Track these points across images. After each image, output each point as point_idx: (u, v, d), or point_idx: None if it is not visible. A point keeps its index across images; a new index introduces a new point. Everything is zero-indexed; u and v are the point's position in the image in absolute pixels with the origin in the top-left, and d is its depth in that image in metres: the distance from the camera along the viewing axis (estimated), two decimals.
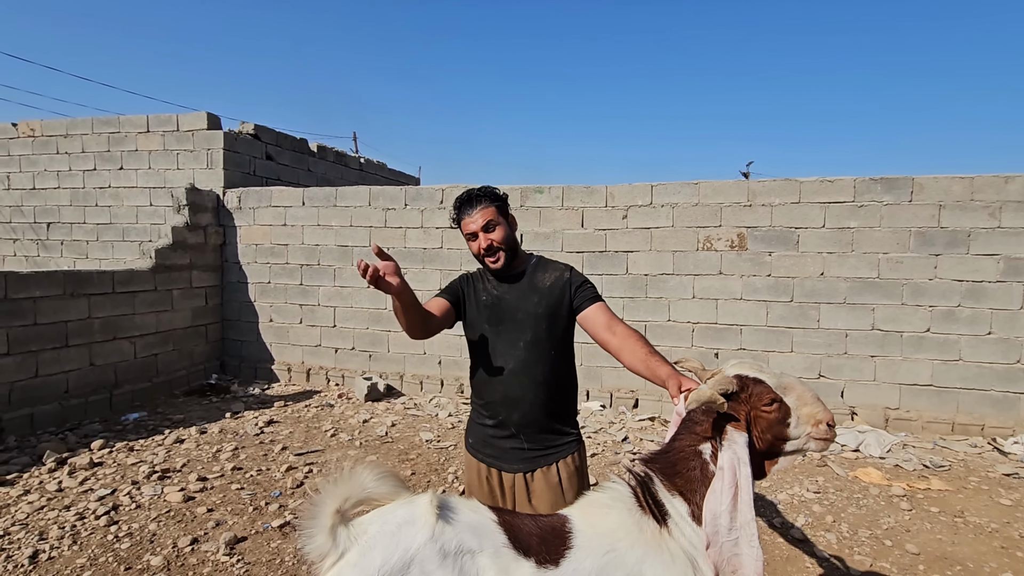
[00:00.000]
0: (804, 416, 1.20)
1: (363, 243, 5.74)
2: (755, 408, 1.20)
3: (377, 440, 4.29)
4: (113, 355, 4.97)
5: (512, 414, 1.68)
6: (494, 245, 1.67)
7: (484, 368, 1.73)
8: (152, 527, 2.89)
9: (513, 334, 1.70)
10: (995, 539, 2.90)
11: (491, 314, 1.72)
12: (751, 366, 1.26)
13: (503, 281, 1.76)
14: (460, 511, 1.21)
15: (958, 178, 4.40)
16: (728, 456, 1.14)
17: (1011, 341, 4.36)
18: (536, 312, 1.69)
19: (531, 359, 1.68)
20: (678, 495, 1.19)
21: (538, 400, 1.69)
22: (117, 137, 6.44)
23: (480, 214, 1.66)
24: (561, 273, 1.75)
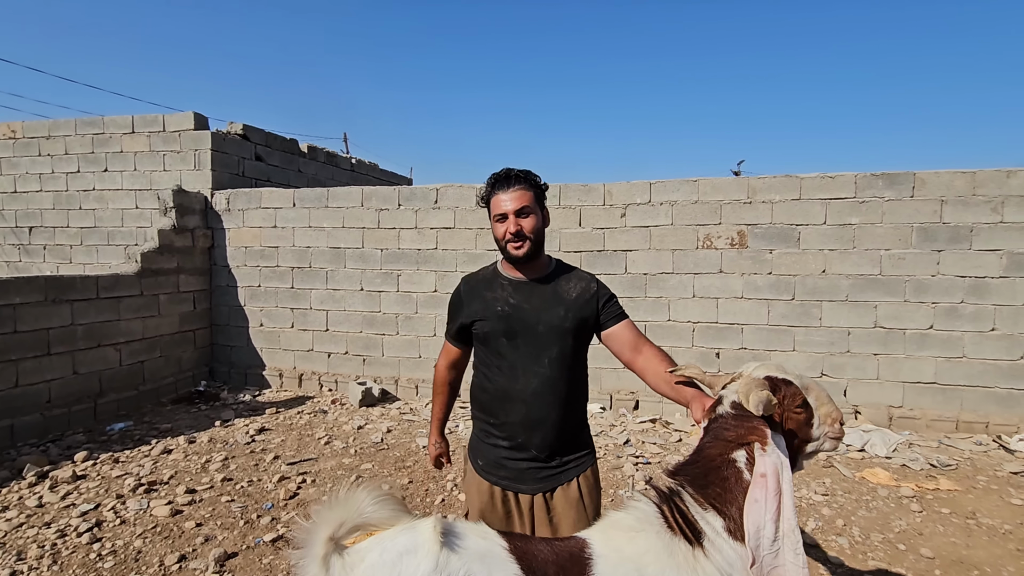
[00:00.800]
0: (822, 415, 1.16)
1: (356, 244, 5.62)
2: (788, 410, 1.14)
3: (372, 447, 4.16)
4: (97, 363, 4.81)
5: (533, 436, 1.54)
6: (523, 232, 1.51)
7: (499, 386, 1.57)
8: (137, 544, 2.76)
9: (535, 349, 1.54)
10: (1010, 541, 2.83)
11: (508, 326, 1.54)
12: (775, 367, 1.20)
13: (522, 286, 1.58)
14: (467, 537, 1.10)
15: (960, 173, 4.35)
16: (771, 461, 1.05)
17: (1015, 337, 4.31)
18: (563, 327, 1.55)
19: (555, 377, 1.54)
20: (712, 509, 1.09)
21: (560, 419, 1.56)
22: (101, 138, 6.27)
23: (516, 195, 1.52)
24: (588, 284, 1.62)
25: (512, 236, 1.52)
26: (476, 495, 1.63)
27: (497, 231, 1.55)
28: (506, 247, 1.54)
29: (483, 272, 1.68)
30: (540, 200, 1.57)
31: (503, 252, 1.57)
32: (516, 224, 1.51)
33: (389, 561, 1.04)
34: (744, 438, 1.11)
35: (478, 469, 1.63)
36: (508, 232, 1.52)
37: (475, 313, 1.59)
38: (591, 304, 1.59)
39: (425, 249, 5.45)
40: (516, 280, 1.59)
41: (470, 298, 1.62)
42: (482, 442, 1.64)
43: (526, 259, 1.54)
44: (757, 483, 1.04)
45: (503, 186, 1.53)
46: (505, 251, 1.55)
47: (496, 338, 1.55)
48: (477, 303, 1.59)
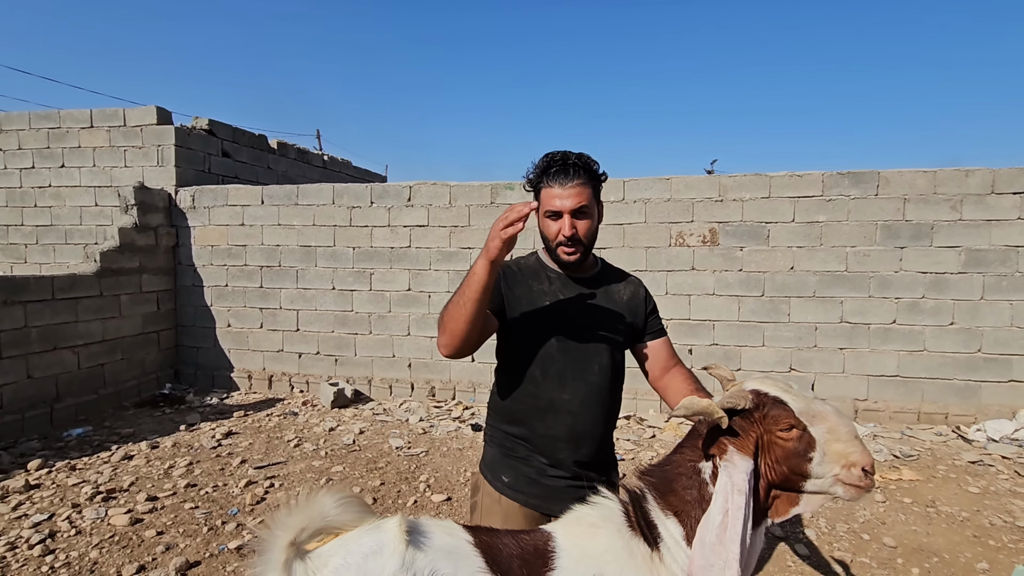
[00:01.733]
0: (833, 454, 0.99)
1: (327, 243, 5.51)
2: (769, 432, 1.02)
3: (344, 449, 4.09)
4: (54, 366, 4.61)
5: (577, 452, 1.36)
6: (579, 237, 1.32)
7: (542, 393, 1.36)
8: (93, 555, 2.64)
9: (586, 354, 1.37)
10: (967, 528, 2.92)
11: (558, 323, 1.36)
12: (779, 384, 1.08)
13: (571, 284, 1.41)
14: (432, 534, 1.08)
15: (922, 172, 4.48)
16: (723, 481, 0.99)
17: (972, 331, 4.46)
18: (616, 331, 1.40)
19: (604, 387, 1.38)
20: (672, 516, 1.06)
21: (604, 434, 1.41)
22: (58, 133, 6.02)
23: (575, 191, 1.29)
24: (637, 289, 1.48)
25: (566, 240, 1.31)
26: (500, 518, 1.39)
27: (548, 229, 1.35)
28: (557, 249, 1.35)
29: (524, 260, 1.47)
30: (598, 196, 1.38)
31: (551, 253, 1.39)
32: (572, 227, 1.30)
33: (354, 563, 1.01)
34: (713, 451, 1.06)
35: (502, 487, 1.42)
36: (562, 234, 1.32)
37: (519, 300, 1.37)
38: (640, 311, 1.46)
39: (398, 247, 5.37)
40: (564, 276, 1.42)
41: (513, 281, 1.39)
42: (509, 456, 1.43)
43: (577, 265, 1.38)
44: (712, 499, 1.01)
45: (562, 177, 1.30)
46: (554, 253, 1.37)
47: (543, 337, 1.36)
48: (522, 289, 1.38)
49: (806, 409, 1.01)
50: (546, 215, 1.35)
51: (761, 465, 1.03)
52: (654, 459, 3.82)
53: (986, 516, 3.03)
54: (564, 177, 1.30)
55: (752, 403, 1.03)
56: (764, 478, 1.04)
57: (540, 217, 1.37)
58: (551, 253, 1.39)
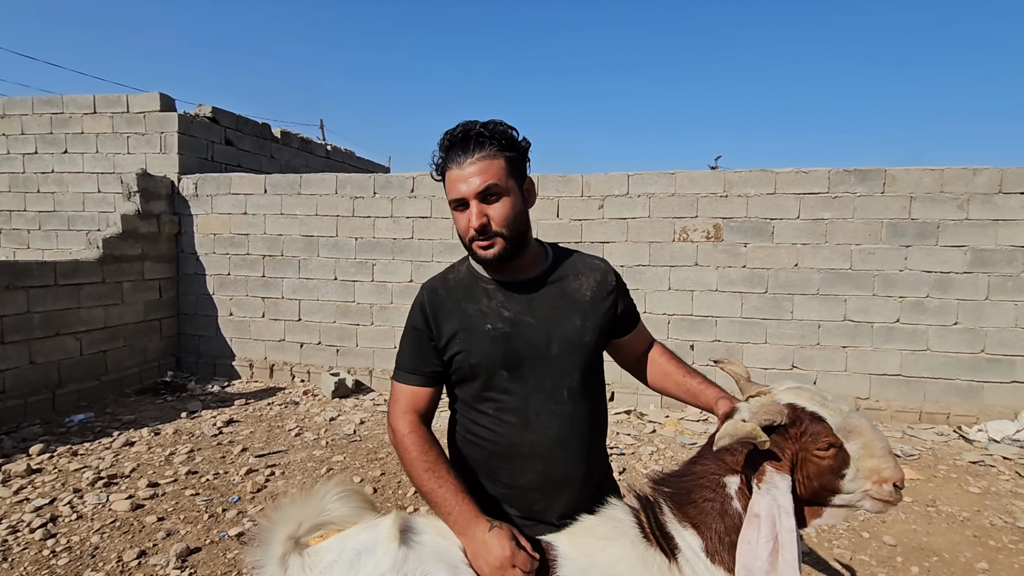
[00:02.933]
0: (866, 470, 0.96)
1: (329, 233, 5.49)
2: (806, 449, 0.97)
3: (344, 439, 4.09)
4: (56, 352, 4.61)
5: (556, 502, 1.14)
6: (490, 226, 1.05)
7: (500, 438, 1.13)
8: (94, 539, 2.65)
9: (548, 379, 1.11)
10: (967, 528, 2.91)
11: (508, 351, 1.09)
12: (811, 395, 1.01)
13: (517, 290, 1.13)
14: (426, 535, 1.06)
15: (928, 170, 4.44)
16: (767, 503, 0.93)
17: (976, 331, 4.44)
18: (583, 341, 1.13)
19: (579, 414, 1.14)
20: (690, 527, 1.02)
21: (588, 471, 1.17)
22: (61, 118, 5.99)
23: (476, 167, 1.03)
24: (604, 276, 1.21)
25: (476, 233, 1.05)
26: None
27: (458, 224, 1.09)
28: (471, 246, 1.09)
29: (453, 275, 1.19)
30: (518, 169, 1.09)
31: (470, 252, 1.12)
32: (481, 214, 1.04)
33: (347, 560, 1.00)
34: (740, 465, 1.01)
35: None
36: (470, 227, 1.06)
37: (455, 335, 1.12)
38: (611, 305, 1.19)
39: (401, 239, 5.36)
40: (507, 282, 1.14)
41: (443, 314, 1.13)
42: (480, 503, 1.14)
43: (500, 262, 1.08)
44: (750, 523, 0.94)
45: (460, 152, 1.05)
46: (471, 251, 1.11)
47: (492, 371, 1.10)
48: (455, 320, 1.12)
49: (843, 425, 0.97)
50: (453, 207, 1.09)
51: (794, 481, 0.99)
52: (654, 454, 3.83)
53: (986, 516, 3.02)
54: (463, 153, 1.04)
55: (788, 419, 0.97)
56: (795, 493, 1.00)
57: (451, 211, 1.12)
58: (470, 252, 1.12)
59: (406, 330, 1.20)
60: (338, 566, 0.99)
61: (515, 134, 1.08)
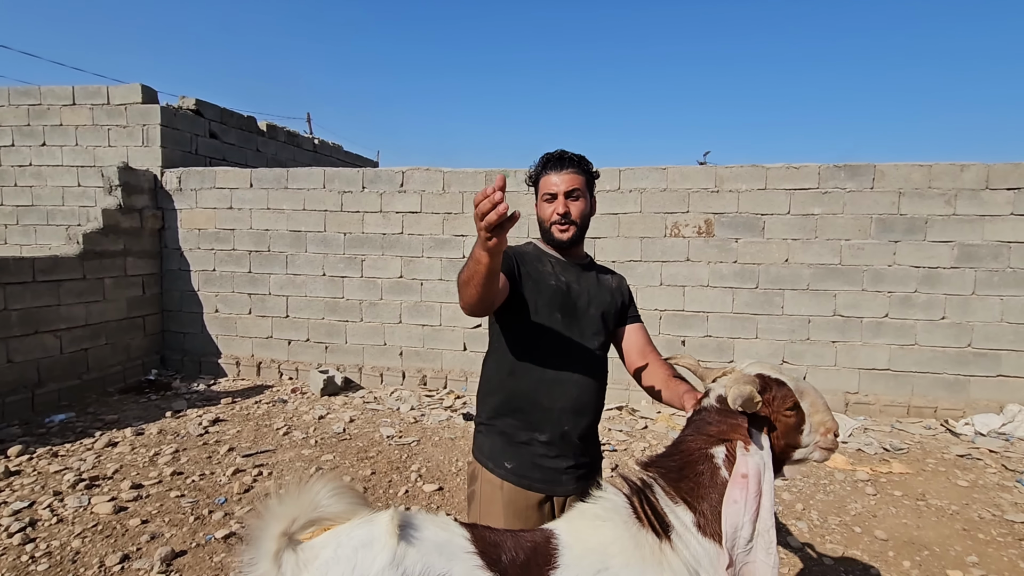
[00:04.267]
0: (816, 423, 1.13)
1: (317, 228, 5.41)
2: (777, 411, 1.11)
3: (334, 437, 4.04)
4: (35, 350, 4.49)
5: (579, 424, 1.46)
6: (571, 215, 1.47)
7: (549, 367, 1.44)
8: (75, 544, 2.58)
9: (588, 331, 1.50)
10: (957, 521, 2.94)
11: (564, 302, 1.47)
12: (771, 367, 1.17)
13: (569, 267, 1.53)
14: (425, 528, 1.04)
15: (917, 166, 4.46)
16: (754, 463, 1.03)
17: (963, 326, 4.48)
18: (611, 312, 1.55)
19: (601, 363, 1.52)
20: (682, 503, 1.07)
21: (597, 409, 1.53)
22: (39, 110, 5.83)
23: (568, 177, 1.47)
24: (621, 280, 1.65)
25: (560, 217, 1.46)
26: (501, 505, 1.44)
27: (544, 212, 1.50)
28: (551, 228, 1.49)
29: (523, 247, 1.57)
30: (590, 187, 1.53)
31: (546, 235, 1.52)
32: (565, 205, 1.46)
33: (344, 556, 0.97)
34: (726, 434, 1.09)
35: (505, 474, 1.45)
36: (556, 212, 1.46)
37: (528, 276, 1.47)
38: (624, 297, 1.61)
39: (390, 234, 5.29)
40: (562, 260, 1.54)
41: (521, 260, 1.49)
42: (510, 441, 1.47)
43: (570, 244, 1.50)
44: (737, 483, 1.02)
45: (556, 167, 1.48)
46: (549, 233, 1.50)
47: (550, 312, 1.46)
48: (529, 266, 1.48)
49: (797, 388, 1.13)
50: (543, 199, 1.50)
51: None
52: (647, 450, 3.82)
53: (975, 509, 3.05)
54: (559, 167, 1.48)
55: (760, 386, 1.09)
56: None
57: (538, 203, 1.52)
58: (546, 235, 1.52)
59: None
60: (334, 563, 0.96)
61: (590, 165, 1.53)
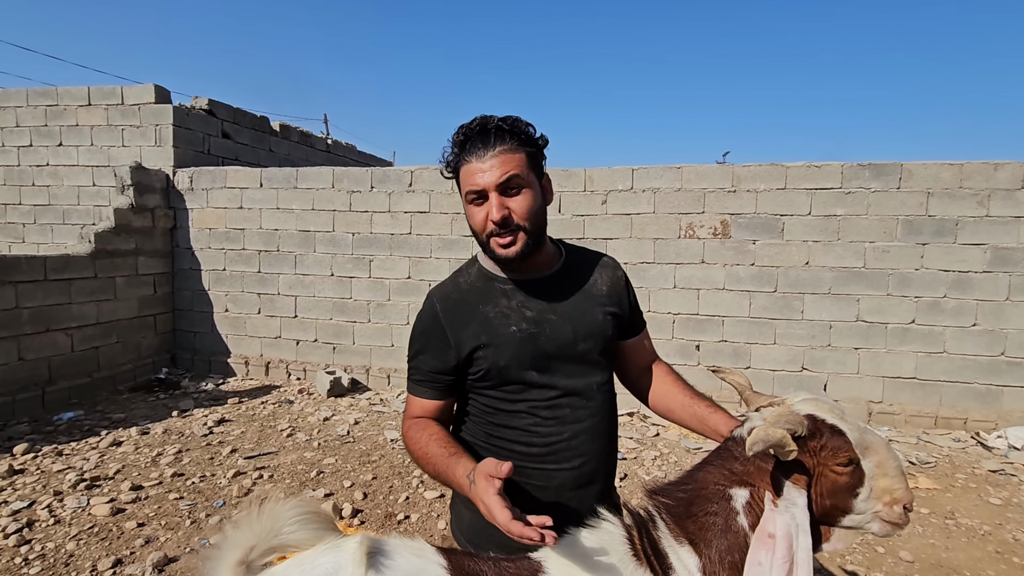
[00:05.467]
0: (879, 489, 0.91)
1: (326, 228, 5.37)
2: (824, 464, 0.90)
3: (337, 440, 3.97)
4: (46, 348, 4.52)
5: (588, 497, 1.09)
6: (512, 219, 1.00)
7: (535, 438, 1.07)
8: (70, 546, 2.54)
9: (579, 374, 1.09)
10: (989, 543, 2.75)
11: (535, 351, 1.05)
12: (830, 407, 0.94)
13: (536, 288, 1.09)
14: (398, 555, 0.94)
15: (947, 164, 4.25)
16: (783, 522, 0.85)
17: (996, 333, 4.25)
18: (605, 332, 1.11)
19: (606, 408, 1.13)
20: (687, 544, 0.92)
21: (613, 460, 1.17)
22: (55, 111, 5.90)
23: (497, 160, 0.98)
24: (614, 272, 1.18)
25: (497, 226, 1.00)
26: None
27: (474, 218, 1.03)
28: (489, 243, 1.03)
29: (464, 279, 1.12)
30: (537, 164, 1.05)
31: (485, 250, 1.06)
32: (501, 207, 0.99)
33: None
34: (751, 477, 0.92)
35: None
36: (490, 219, 1.00)
37: (474, 342, 1.05)
38: (624, 300, 1.17)
39: (399, 234, 5.22)
40: (525, 281, 1.09)
41: (460, 320, 1.07)
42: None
43: (521, 258, 1.03)
44: (762, 543, 0.86)
45: (479, 146, 1.00)
46: (488, 249, 1.04)
47: (520, 372, 1.05)
48: (475, 325, 1.06)
49: (861, 440, 0.91)
50: (469, 200, 1.03)
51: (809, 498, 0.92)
52: (657, 458, 3.69)
53: (1009, 530, 2.86)
54: (483, 146, 0.99)
55: (808, 430, 0.89)
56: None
57: (465, 206, 1.06)
58: (485, 250, 1.06)
59: (416, 338, 1.12)
60: None
61: (532, 130, 1.04)
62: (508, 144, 1.00)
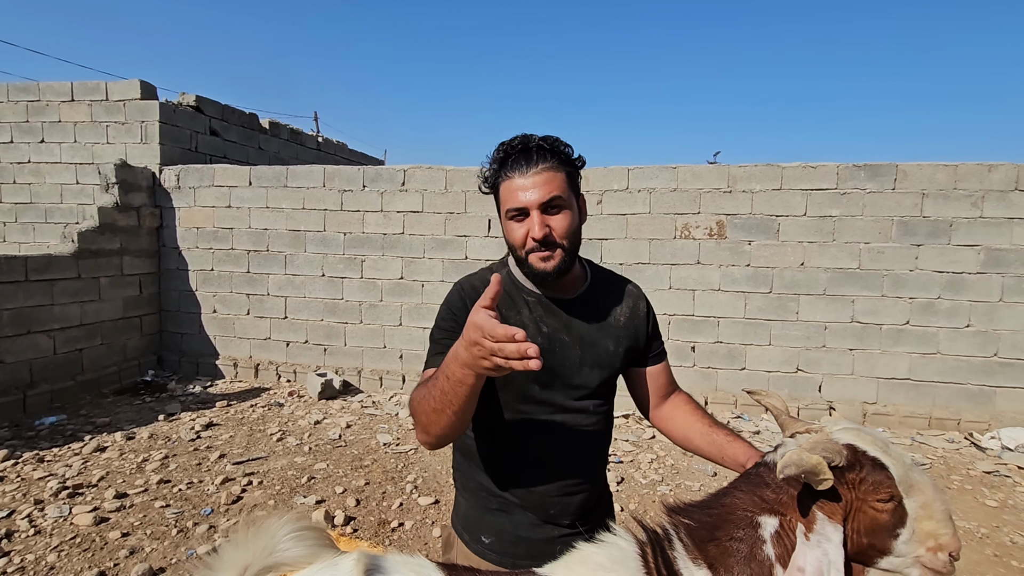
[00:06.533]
0: (922, 533, 0.84)
1: (317, 227, 5.28)
2: (862, 499, 0.84)
3: (329, 444, 3.90)
4: (27, 351, 4.40)
5: (570, 505, 1.13)
6: (553, 239, 1.02)
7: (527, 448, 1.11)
8: (51, 558, 2.46)
9: (577, 395, 1.11)
10: (987, 546, 2.74)
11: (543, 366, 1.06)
12: (873, 439, 0.88)
13: (555, 308, 1.11)
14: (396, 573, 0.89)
15: (942, 166, 4.25)
16: (816, 557, 0.79)
17: (989, 334, 4.27)
18: (613, 365, 1.14)
19: (600, 430, 1.16)
20: (705, 567, 0.86)
21: (600, 474, 1.19)
22: (37, 106, 5.75)
23: (540, 178, 1.00)
24: (636, 303, 1.20)
25: (538, 244, 1.01)
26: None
27: (513, 234, 1.04)
28: (527, 259, 1.04)
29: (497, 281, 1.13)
30: (575, 185, 1.07)
31: (522, 266, 1.08)
32: (543, 226, 1.00)
33: None
34: (783, 506, 0.85)
35: (482, 550, 1.16)
36: (531, 238, 1.01)
37: None
38: (642, 333, 1.18)
39: (391, 234, 5.15)
40: (546, 299, 1.12)
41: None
42: (487, 511, 1.15)
43: (558, 275, 1.05)
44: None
45: (522, 164, 1.01)
46: (526, 265, 1.06)
47: (524, 384, 1.09)
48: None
49: (905, 477, 0.84)
50: (509, 216, 1.04)
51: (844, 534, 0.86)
52: (654, 461, 3.65)
53: (1006, 533, 2.85)
54: (526, 164, 1.01)
55: (847, 461, 0.84)
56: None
57: (503, 221, 1.08)
58: (522, 266, 1.08)
59: (438, 324, 1.12)
60: None
61: (571, 150, 1.06)
62: (549, 163, 1.01)
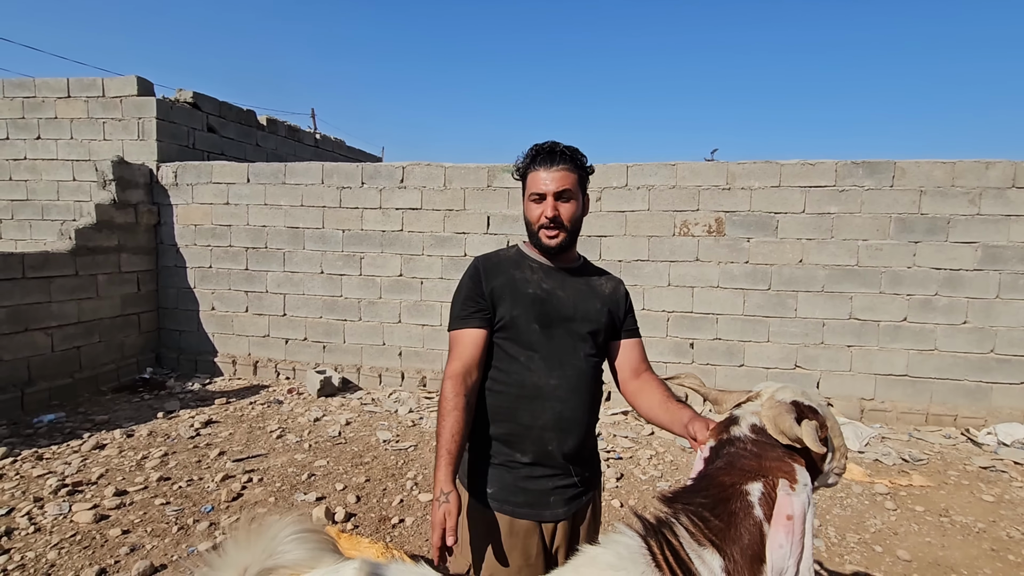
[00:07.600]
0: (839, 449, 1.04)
1: (315, 224, 5.27)
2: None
3: (328, 441, 3.90)
4: (25, 348, 4.38)
5: (565, 442, 1.32)
6: (561, 219, 1.34)
7: (528, 382, 1.33)
8: (51, 556, 2.45)
9: (571, 340, 1.36)
10: (984, 540, 2.76)
11: (541, 311, 1.35)
12: (801, 391, 1.05)
13: (554, 273, 1.41)
14: None
15: (940, 163, 4.27)
16: (800, 502, 0.90)
17: (986, 330, 4.29)
18: (599, 320, 1.39)
19: (590, 373, 1.38)
20: (710, 547, 0.90)
21: (589, 424, 1.38)
22: (33, 103, 5.71)
23: (559, 175, 1.33)
24: (617, 286, 1.49)
25: (548, 221, 1.34)
26: (484, 529, 1.31)
27: (531, 212, 1.37)
28: (538, 233, 1.36)
29: (504, 252, 1.47)
30: (583, 185, 1.39)
31: (533, 238, 1.40)
32: (554, 208, 1.33)
33: None
34: (767, 470, 0.94)
35: (490, 499, 1.32)
36: (544, 216, 1.34)
37: (502, 290, 1.36)
38: (621, 305, 1.46)
39: (390, 231, 5.14)
40: (546, 265, 1.42)
41: (493, 274, 1.39)
42: (491, 463, 1.34)
43: (559, 250, 1.38)
44: (782, 526, 0.88)
45: (546, 162, 1.34)
46: (536, 238, 1.38)
47: (528, 325, 1.34)
48: (503, 278, 1.38)
49: (824, 413, 1.04)
50: (530, 198, 1.37)
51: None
52: (653, 457, 3.66)
53: (1003, 528, 2.88)
54: (550, 162, 1.34)
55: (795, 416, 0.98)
56: None
57: (525, 202, 1.39)
58: (533, 239, 1.41)
59: (459, 290, 1.42)
60: None
61: (584, 159, 1.39)
62: (568, 165, 1.34)
